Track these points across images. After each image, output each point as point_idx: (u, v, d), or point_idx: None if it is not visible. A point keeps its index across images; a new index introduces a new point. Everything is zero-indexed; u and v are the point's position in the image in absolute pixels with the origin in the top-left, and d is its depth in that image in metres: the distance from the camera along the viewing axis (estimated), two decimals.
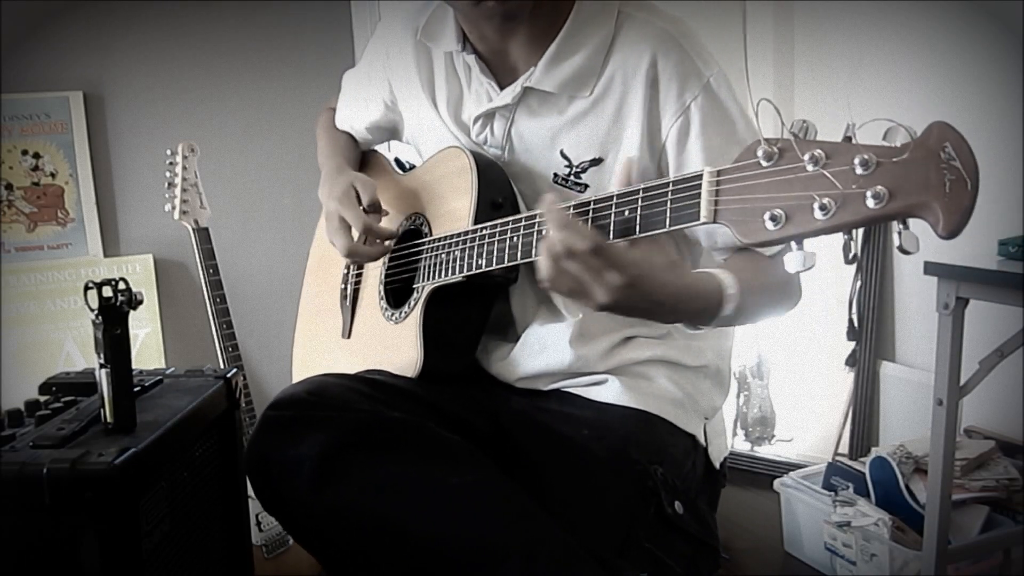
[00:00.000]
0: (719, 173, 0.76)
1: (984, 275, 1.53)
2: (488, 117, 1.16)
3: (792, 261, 0.71)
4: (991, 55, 2.04)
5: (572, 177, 1.11)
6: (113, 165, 2.42)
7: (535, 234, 0.96)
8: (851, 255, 2.29)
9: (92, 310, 0.92)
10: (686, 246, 1.15)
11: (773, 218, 0.70)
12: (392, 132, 1.38)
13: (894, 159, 0.65)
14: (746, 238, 0.73)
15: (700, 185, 0.77)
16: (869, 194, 0.65)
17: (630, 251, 0.83)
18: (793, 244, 0.71)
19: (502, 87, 1.14)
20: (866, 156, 0.65)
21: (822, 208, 0.67)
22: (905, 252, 0.66)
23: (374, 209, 1.20)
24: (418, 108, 1.24)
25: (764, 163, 0.71)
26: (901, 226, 0.66)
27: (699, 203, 0.77)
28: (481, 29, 1.11)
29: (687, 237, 1.13)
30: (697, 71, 1.05)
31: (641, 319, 0.92)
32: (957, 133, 0.64)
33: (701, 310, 0.92)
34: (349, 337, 1.32)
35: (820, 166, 0.68)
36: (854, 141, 0.67)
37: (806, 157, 0.68)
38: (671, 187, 0.81)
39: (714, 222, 0.76)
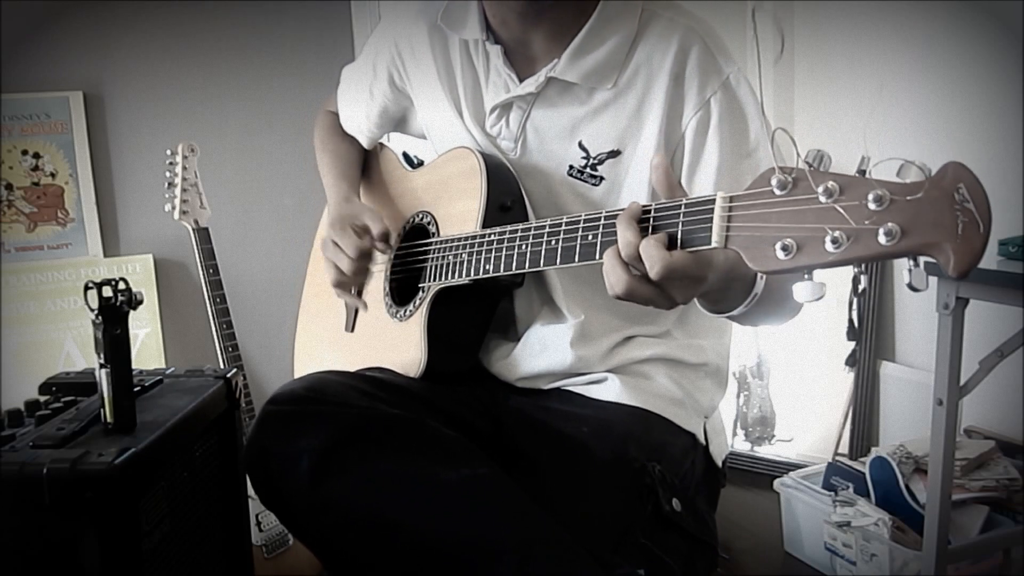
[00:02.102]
0: (732, 199, 0.76)
1: (984, 275, 1.53)
2: (505, 108, 1.16)
3: (801, 291, 0.71)
4: (991, 55, 2.04)
5: (588, 169, 1.12)
6: (113, 165, 2.42)
7: (543, 244, 0.96)
8: (860, 288, 2.30)
9: (92, 310, 0.92)
10: None
11: (784, 248, 0.70)
12: (401, 121, 1.37)
13: (908, 197, 0.65)
14: (756, 265, 0.73)
15: (712, 210, 0.77)
16: (881, 231, 0.65)
17: (691, 256, 0.81)
18: (803, 274, 0.71)
19: (521, 79, 1.14)
20: (880, 192, 0.65)
21: (834, 241, 0.67)
22: (914, 290, 0.67)
23: (383, 239, 1.21)
24: (432, 98, 1.24)
25: (778, 192, 0.72)
26: (911, 263, 0.67)
27: (711, 227, 0.77)
28: (504, 15, 1.11)
29: None
30: (718, 68, 1.06)
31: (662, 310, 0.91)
32: (972, 174, 0.64)
33: (747, 283, 0.92)
34: (352, 331, 1.33)
35: (833, 199, 0.68)
36: (868, 175, 0.67)
37: (820, 189, 0.69)
38: (683, 211, 0.81)
39: (725, 247, 0.76)
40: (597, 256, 0.89)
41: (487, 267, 1.05)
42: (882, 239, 0.65)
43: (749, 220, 0.74)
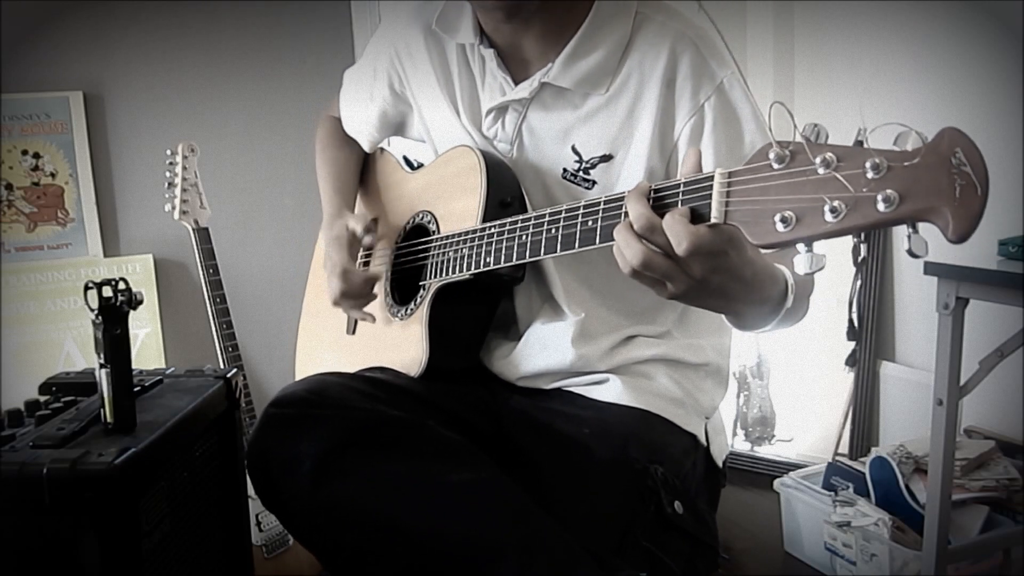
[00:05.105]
0: (730, 174, 0.76)
1: (984, 275, 1.53)
2: (501, 111, 1.16)
3: (801, 263, 0.71)
4: (991, 55, 2.04)
5: (581, 173, 1.12)
6: (113, 165, 2.42)
7: (543, 233, 0.96)
8: (860, 258, 2.30)
9: (92, 310, 0.92)
10: None
11: (784, 220, 0.70)
12: (400, 125, 1.37)
13: (905, 163, 0.65)
14: (756, 239, 0.73)
15: (711, 186, 0.77)
16: (880, 197, 0.65)
17: (710, 229, 0.79)
18: (802, 246, 0.71)
19: (516, 82, 1.14)
20: (877, 160, 0.65)
21: (833, 211, 0.67)
22: (914, 256, 0.67)
23: (367, 231, 1.23)
24: (431, 101, 1.24)
25: (776, 165, 0.72)
26: (910, 230, 0.66)
27: (710, 203, 0.77)
28: (494, 21, 1.11)
29: None
30: (711, 72, 1.06)
31: (704, 304, 0.87)
32: (968, 139, 0.64)
33: (777, 297, 0.90)
34: (353, 333, 1.32)
35: (831, 169, 0.68)
36: (865, 145, 0.67)
37: (817, 160, 0.69)
38: (682, 187, 0.81)
39: (725, 223, 0.76)
40: (597, 241, 0.89)
41: (487, 260, 1.05)
42: (880, 206, 0.65)
43: (748, 194, 0.74)
